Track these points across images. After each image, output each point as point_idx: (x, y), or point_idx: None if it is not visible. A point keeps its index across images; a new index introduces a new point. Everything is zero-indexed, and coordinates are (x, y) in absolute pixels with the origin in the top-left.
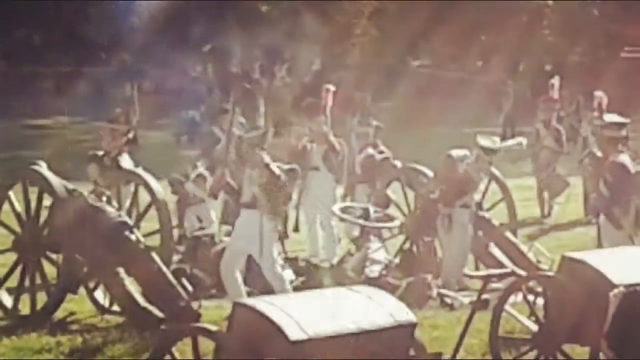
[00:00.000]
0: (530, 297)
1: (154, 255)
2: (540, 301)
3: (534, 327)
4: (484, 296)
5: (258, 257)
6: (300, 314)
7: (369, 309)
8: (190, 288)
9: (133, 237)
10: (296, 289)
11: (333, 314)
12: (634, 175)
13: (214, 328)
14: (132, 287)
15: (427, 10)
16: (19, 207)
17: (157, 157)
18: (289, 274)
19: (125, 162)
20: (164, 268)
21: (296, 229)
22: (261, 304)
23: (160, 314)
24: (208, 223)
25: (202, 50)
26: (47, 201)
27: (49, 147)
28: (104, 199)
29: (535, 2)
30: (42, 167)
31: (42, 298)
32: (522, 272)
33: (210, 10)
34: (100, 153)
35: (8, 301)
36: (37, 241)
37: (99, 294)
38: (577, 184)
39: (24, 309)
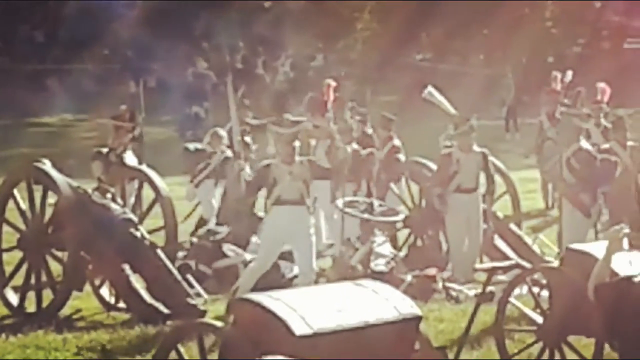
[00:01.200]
0: (535, 289)
1: (159, 251)
2: (545, 293)
3: (539, 319)
4: (489, 289)
5: (301, 251)
6: (306, 309)
7: (374, 303)
8: (195, 284)
9: (138, 233)
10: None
11: (338, 309)
12: (600, 162)
13: (219, 324)
14: (138, 283)
15: (428, 4)
16: (24, 205)
17: (161, 153)
18: (295, 269)
19: (130, 159)
20: (169, 264)
21: None
22: (266, 299)
23: (166, 310)
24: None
25: (204, 46)
26: (51, 199)
27: (53, 144)
28: (109, 196)
29: None
30: (47, 165)
31: (48, 295)
32: (527, 265)
33: (213, 6)
34: (105, 150)
35: (14, 299)
36: (42, 239)
37: (104, 291)
38: None
39: (30, 306)
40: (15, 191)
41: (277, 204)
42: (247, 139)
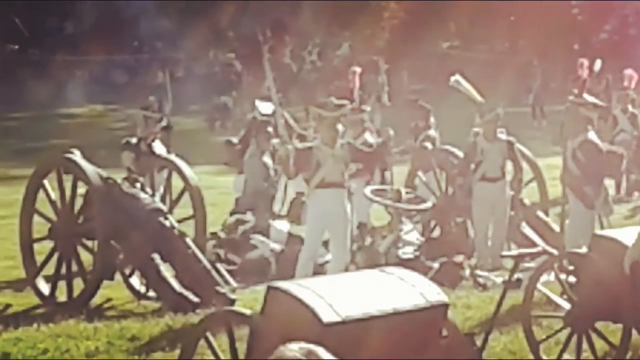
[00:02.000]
0: (563, 276)
1: (188, 240)
2: (572, 279)
3: (567, 306)
4: (517, 275)
5: (338, 235)
6: (333, 297)
7: (402, 291)
8: (224, 272)
9: (167, 222)
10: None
11: (365, 296)
12: (606, 154)
13: (247, 312)
14: (168, 272)
15: None
16: (54, 196)
17: (189, 143)
18: (327, 255)
19: (159, 148)
20: (199, 253)
21: None
22: (294, 287)
23: (195, 299)
24: None
25: (232, 36)
26: (81, 189)
27: (83, 135)
28: (138, 185)
29: None
30: (76, 156)
31: (78, 285)
32: (554, 251)
33: None
34: (134, 140)
35: (45, 289)
36: (72, 229)
37: (134, 280)
38: None
39: (61, 296)
40: (46, 182)
41: (321, 187)
42: (292, 121)
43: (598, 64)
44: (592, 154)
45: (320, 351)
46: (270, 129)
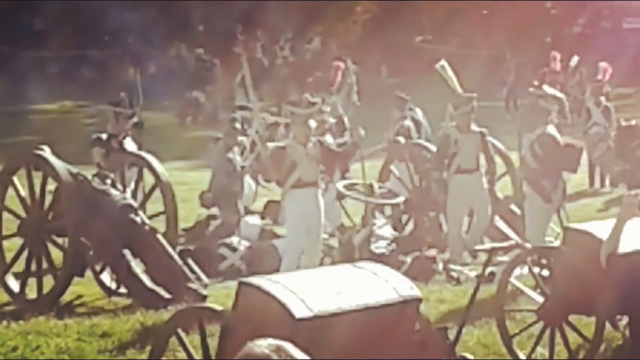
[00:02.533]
0: (536, 269)
1: (159, 236)
2: (545, 273)
3: (540, 299)
4: (490, 269)
5: (312, 233)
6: (305, 292)
7: (374, 285)
8: (196, 268)
9: (138, 219)
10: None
11: (338, 291)
12: (563, 147)
13: (219, 308)
14: (138, 268)
15: None
16: (24, 192)
17: (161, 139)
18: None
19: (129, 145)
20: (170, 249)
21: None
22: (266, 282)
23: (167, 295)
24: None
25: (203, 30)
26: (51, 185)
27: (53, 131)
28: (108, 181)
29: None
30: (46, 152)
31: (48, 282)
32: (527, 245)
33: None
34: (104, 136)
35: (15, 286)
36: (42, 225)
37: (105, 277)
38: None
39: (31, 293)
40: (15, 178)
41: (297, 187)
42: (272, 119)
43: (575, 60)
44: (550, 147)
45: (289, 347)
46: (237, 125)
